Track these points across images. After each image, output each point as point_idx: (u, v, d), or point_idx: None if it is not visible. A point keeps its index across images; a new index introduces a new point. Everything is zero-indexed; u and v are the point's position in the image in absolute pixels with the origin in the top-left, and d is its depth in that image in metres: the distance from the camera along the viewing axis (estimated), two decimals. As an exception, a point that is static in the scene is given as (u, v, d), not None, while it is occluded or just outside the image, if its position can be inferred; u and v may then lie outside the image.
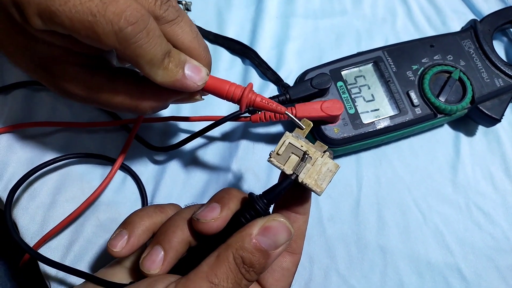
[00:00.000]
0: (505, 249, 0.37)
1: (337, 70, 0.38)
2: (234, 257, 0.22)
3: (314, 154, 0.25)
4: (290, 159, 0.25)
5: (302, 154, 0.25)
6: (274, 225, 0.23)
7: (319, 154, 0.25)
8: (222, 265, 0.22)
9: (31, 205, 0.36)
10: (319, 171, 0.25)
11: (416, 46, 0.39)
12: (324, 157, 0.25)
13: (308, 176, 0.25)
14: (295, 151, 0.25)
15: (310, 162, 0.25)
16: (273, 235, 0.23)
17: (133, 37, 0.23)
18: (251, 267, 0.22)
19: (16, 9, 0.24)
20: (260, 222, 0.23)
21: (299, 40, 0.43)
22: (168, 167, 0.38)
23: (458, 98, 0.38)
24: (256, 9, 0.44)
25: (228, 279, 0.22)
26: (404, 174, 0.39)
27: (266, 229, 0.23)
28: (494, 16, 0.42)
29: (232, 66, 0.42)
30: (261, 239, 0.23)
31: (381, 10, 0.45)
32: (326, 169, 0.25)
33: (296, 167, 0.25)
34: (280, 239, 0.23)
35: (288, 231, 0.24)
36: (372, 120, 0.36)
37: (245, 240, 0.23)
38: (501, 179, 0.39)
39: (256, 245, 0.23)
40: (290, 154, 0.25)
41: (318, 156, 0.25)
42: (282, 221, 0.24)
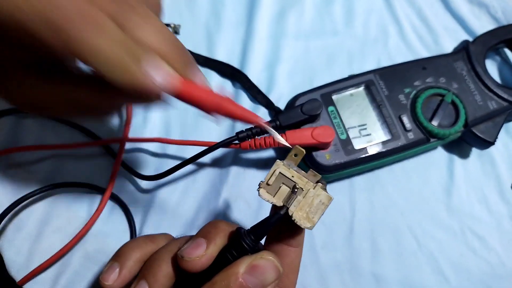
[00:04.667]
0: (500, 274, 0.36)
1: (328, 94, 0.37)
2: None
3: (305, 185, 0.24)
4: (280, 190, 0.24)
5: (292, 186, 0.24)
6: (262, 263, 0.23)
7: (311, 185, 0.24)
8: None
9: (17, 237, 0.35)
10: (310, 203, 0.23)
11: (408, 69, 0.38)
12: (316, 188, 0.24)
13: (299, 209, 0.23)
14: (286, 182, 0.24)
15: (301, 194, 0.24)
16: (260, 274, 0.22)
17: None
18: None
19: None
20: (247, 260, 0.23)
21: (290, 61, 0.43)
22: (157, 195, 0.37)
23: (451, 122, 0.37)
24: (246, 30, 0.44)
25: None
26: (398, 199, 0.38)
27: (253, 268, 0.22)
28: (487, 36, 0.41)
29: (222, 89, 0.41)
30: (248, 278, 0.22)
31: (373, 29, 0.45)
32: (318, 202, 0.23)
33: (286, 199, 0.24)
34: (268, 278, 0.23)
35: (277, 270, 0.23)
36: (364, 146, 0.36)
37: (230, 279, 0.22)
38: (496, 202, 0.39)
39: (242, 285, 0.22)
40: (280, 184, 0.24)
41: (310, 188, 0.24)
42: (270, 259, 0.23)
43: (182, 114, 0.40)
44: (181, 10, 0.44)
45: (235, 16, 0.44)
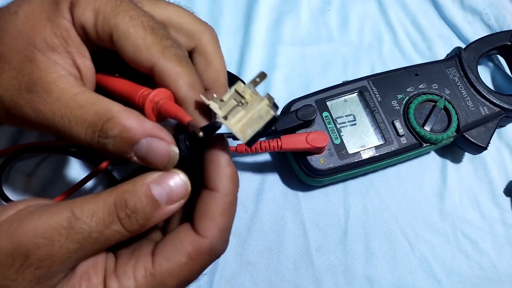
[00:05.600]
0: (492, 278, 0.37)
1: (322, 100, 0.38)
2: (115, 198, 0.21)
3: (252, 100, 0.22)
4: (228, 104, 0.23)
5: (240, 100, 0.23)
6: (173, 177, 0.22)
7: (257, 100, 0.22)
8: (95, 202, 0.20)
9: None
10: (250, 117, 0.22)
11: (401, 75, 0.39)
12: (261, 103, 0.22)
13: (237, 120, 0.22)
14: (237, 99, 0.23)
15: (245, 108, 0.22)
16: (168, 187, 0.21)
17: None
18: (133, 212, 0.20)
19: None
20: (160, 172, 0.22)
21: (286, 67, 0.43)
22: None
23: (443, 127, 0.38)
24: (243, 36, 0.45)
25: (94, 216, 0.20)
26: (391, 203, 0.39)
27: (163, 179, 0.21)
28: (479, 44, 0.42)
29: (219, 94, 0.42)
30: (155, 187, 0.21)
31: (368, 36, 0.46)
32: (257, 115, 0.22)
33: (230, 111, 0.22)
34: (175, 194, 0.21)
35: (185, 190, 0.22)
36: (358, 150, 0.36)
37: (136, 184, 0.21)
38: (488, 206, 0.39)
39: (147, 192, 0.21)
40: (232, 99, 0.23)
41: (254, 102, 0.22)
42: (182, 177, 0.22)
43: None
44: (179, 17, 0.45)
45: (233, 23, 0.45)
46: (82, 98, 0.23)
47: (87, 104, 0.23)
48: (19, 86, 0.24)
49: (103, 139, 0.23)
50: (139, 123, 0.22)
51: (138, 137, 0.22)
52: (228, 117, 0.22)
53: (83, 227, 0.20)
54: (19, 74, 0.24)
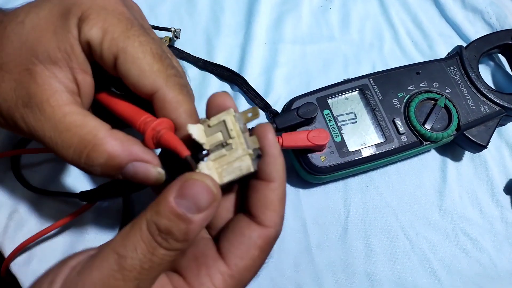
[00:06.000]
0: (492, 275, 0.37)
1: (323, 98, 0.38)
2: (147, 224, 0.20)
3: (237, 145, 0.22)
4: (214, 136, 0.23)
5: (227, 138, 0.22)
6: (191, 185, 0.20)
7: (242, 147, 0.22)
8: (133, 234, 0.20)
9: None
10: (230, 163, 0.22)
11: (402, 74, 0.39)
12: (244, 153, 0.22)
13: (217, 162, 0.22)
14: (224, 132, 0.23)
15: (228, 150, 0.22)
16: (191, 196, 0.20)
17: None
18: (168, 234, 0.20)
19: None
20: (178, 183, 0.20)
21: (287, 66, 0.44)
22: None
23: (444, 126, 0.38)
24: (245, 35, 0.45)
25: (137, 249, 0.19)
26: (391, 200, 0.39)
27: (183, 190, 0.20)
28: (480, 42, 0.42)
29: (221, 92, 0.42)
30: (179, 202, 0.20)
31: (369, 35, 0.46)
32: (237, 166, 0.22)
33: (213, 147, 0.23)
34: (202, 201, 0.20)
35: (209, 192, 0.20)
36: (358, 148, 0.36)
37: (160, 205, 0.20)
38: (488, 204, 0.40)
39: (172, 209, 0.20)
40: (219, 131, 0.23)
41: (239, 149, 0.22)
42: (199, 180, 0.20)
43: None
44: (181, 15, 0.45)
45: (234, 21, 0.45)
46: (70, 120, 0.24)
47: (74, 127, 0.23)
48: (16, 98, 0.24)
49: (89, 165, 0.24)
50: (125, 148, 0.23)
51: (124, 162, 0.23)
52: (210, 154, 0.22)
53: (133, 262, 0.19)
54: (18, 87, 0.24)
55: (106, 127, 0.24)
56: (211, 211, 0.21)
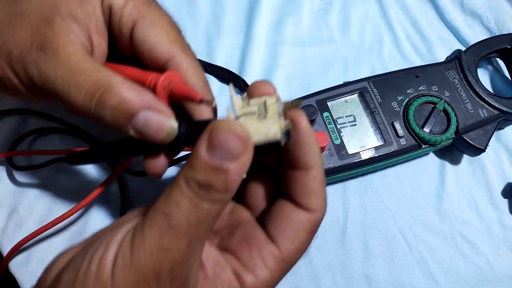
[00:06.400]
0: (489, 278, 0.37)
1: (323, 100, 0.38)
2: (186, 181, 0.19)
3: (270, 117, 0.21)
4: (248, 108, 0.21)
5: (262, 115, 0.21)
6: (219, 133, 0.19)
7: (275, 119, 0.21)
8: (174, 193, 0.19)
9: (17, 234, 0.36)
10: (258, 127, 0.20)
11: (401, 77, 0.40)
12: (275, 124, 0.20)
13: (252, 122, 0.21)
14: (262, 110, 0.21)
15: (260, 120, 0.21)
16: (222, 145, 0.19)
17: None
18: (208, 187, 0.19)
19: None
20: (206, 134, 0.19)
21: (287, 68, 0.44)
22: (154, 193, 0.38)
23: (442, 129, 0.38)
24: (245, 36, 0.45)
25: (181, 206, 0.19)
26: (390, 203, 0.39)
27: (212, 140, 0.19)
28: (479, 46, 0.42)
29: (221, 94, 0.42)
30: (211, 153, 0.19)
31: (368, 38, 0.46)
32: (264, 131, 0.20)
33: (245, 114, 0.21)
34: (234, 148, 0.19)
35: (239, 137, 0.19)
36: (358, 151, 0.37)
37: (193, 159, 0.19)
38: (486, 208, 0.40)
39: (206, 162, 0.19)
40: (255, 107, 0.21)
41: (271, 119, 0.21)
42: (227, 128, 0.19)
43: (181, 117, 0.41)
44: (182, 16, 0.45)
45: (235, 23, 0.45)
46: (85, 65, 0.23)
47: (88, 71, 0.23)
48: (31, 43, 0.24)
49: (100, 108, 0.23)
50: (139, 95, 0.23)
51: (137, 108, 0.22)
52: (240, 118, 0.21)
53: (180, 219, 0.19)
54: (34, 33, 0.24)
55: (121, 76, 0.24)
56: (246, 157, 0.19)
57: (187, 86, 0.24)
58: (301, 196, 0.22)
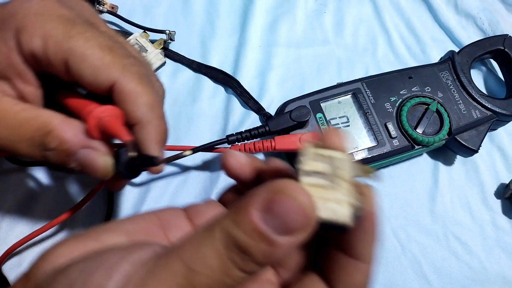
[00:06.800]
0: (482, 279, 0.37)
1: (316, 101, 0.38)
2: (223, 235, 0.16)
3: (342, 187, 0.18)
4: (319, 164, 0.18)
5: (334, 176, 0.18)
6: (282, 201, 0.16)
7: (348, 193, 0.17)
8: (205, 245, 0.16)
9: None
10: (326, 200, 0.17)
11: (394, 78, 0.40)
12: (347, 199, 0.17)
13: (323, 194, 0.17)
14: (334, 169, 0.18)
15: (330, 187, 0.18)
16: (280, 214, 0.16)
17: None
18: (246, 253, 0.16)
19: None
20: (265, 193, 0.16)
21: (281, 69, 0.44)
22: (147, 196, 0.38)
23: (435, 130, 0.38)
24: (239, 38, 0.45)
25: (209, 264, 0.16)
26: (383, 204, 0.39)
27: (271, 204, 0.16)
28: (472, 47, 0.42)
29: (215, 95, 0.42)
30: (264, 218, 0.16)
31: (362, 39, 0.46)
32: (333, 208, 0.17)
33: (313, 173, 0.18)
34: (293, 222, 0.16)
35: (304, 213, 0.16)
36: (350, 152, 0.37)
37: (240, 214, 0.16)
38: (479, 208, 0.40)
39: (255, 225, 0.16)
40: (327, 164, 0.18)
41: (343, 191, 0.17)
42: (291, 195, 0.16)
43: (175, 118, 0.41)
44: (176, 17, 0.45)
45: (229, 24, 0.45)
46: (22, 116, 0.24)
47: (28, 121, 0.24)
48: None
49: (44, 152, 0.24)
50: (76, 135, 0.24)
51: (75, 148, 0.24)
52: (305, 178, 0.18)
53: (203, 281, 0.16)
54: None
55: (60, 116, 0.24)
56: (302, 235, 0.16)
57: (117, 124, 0.24)
58: (340, 286, 0.19)
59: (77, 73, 0.24)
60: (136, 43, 0.41)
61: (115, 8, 0.44)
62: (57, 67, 0.24)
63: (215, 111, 0.42)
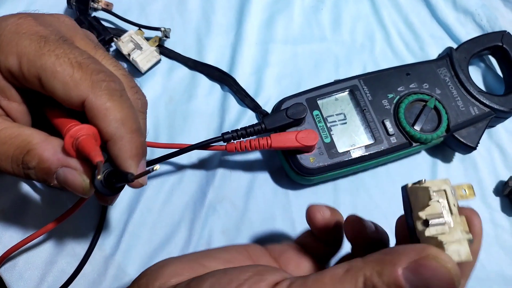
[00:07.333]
0: (480, 277, 0.37)
1: (313, 98, 0.38)
2: (365, 280, 0.17)
3: (457, 224, 0.19)
4: (434, 206, 0.20)
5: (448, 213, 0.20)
6: (431, 266, 0.17)
7: (461, 228, 0.19)
8: (346, 283, 0.17)
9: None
10: (448, 243, 0.18)
11: (392, 75, 0.39)
12: (463, 236, 0.19)
13: (446, 239, 0.18)
14: (444, 205, 0.20)
15: (449, 229, 0.19)
16: (426, 279, 0.17)
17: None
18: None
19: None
20: (413, 254, 0.17)
21: (278, 66, 0.43)
22: (143, 194, 0.38)
23: (433, 127, 0.38)
24: (235, 34, 0.44)
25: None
26: (381, 202, 0.39)
27: (418, 266, 0.17)
28: (470, 44, 0.42)
29: (211, 92, 0.42)
30: (408, 275, 0.17)
31: (360, 36, 0.46)
32: (455, 249, 0.18)
33: (432, 216, 0.19)
34: (434, 285, 0.17)
35: (449, 280, 0.17)
36: (348, 149, 0.36)
37: (386, 268, 0.17)
38: (478, 206, 0.40)
39: (398, 281, 0.17)
40: (437, 201, 0.20)
41: (458, 230, 0.19)
42: (443, 265, 0.17)
43: (170, 116, 0.40)
44: (172, 14, 0.45)
45: (225, 21, 0.45)
46: (5, 134, 0.24)
47: (9, 139, 0.24)
48: None
49: (26, 170, 0.24)
50: (55, 153, 0.24)
51: (54, 167, 0.24)
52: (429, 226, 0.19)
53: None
54: None
55: (41, 135, 0.25)
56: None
57: (91, 144, 0.24)
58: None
59: (50, 90, 0.24)
60: (131, 40, 0.41)
61: (110, 6, 0.44)
62: (34, 84, 0.25)
63: (211, 109, 0.41)
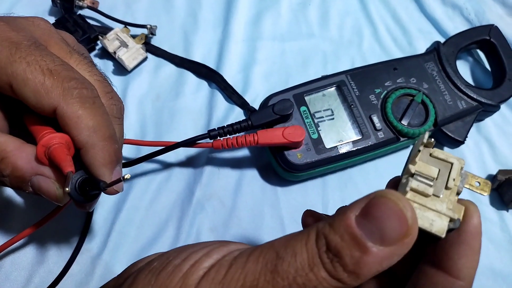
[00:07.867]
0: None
1: (300, 94, 0.38)
2: (317, 234, 0.16)
3: (446, 198, 0.19)
4: (429, 167, 0.19)
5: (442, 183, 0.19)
6: (381, 204, 0.15)
7: (450, 206, 0.18)
8: (297, 239, 0.16)
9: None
10: (424, 208, 0.18)
11: (379, 70, 0.39)
12: (447, 213, 0.18)
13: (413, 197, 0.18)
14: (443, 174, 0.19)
15: (434, 196, 0.18)
16: (377, 219, 0.15)
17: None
18: (336, 256, 0.15)
19: None
20: (365, 199, 0.16)
21: (266, 63, 0.43)
22: (131, 192, 0.37)
23: (421, 121, 0.38)
24: (223, 31, 0.44)
25: (297, 256, 0.16)
26: (370, 197, 0.39)
27: (369, 207, 0.16)
28: (458, 38, 0.42)
29: (198, 89, 0.42)
30: (360, 221, 0.15)
31: (348, 32, 0.46)
32: (430, 217, 0.18)
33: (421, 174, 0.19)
34: (390, 230, 0.15)
35: (403, 221, 0.15)
36: (335, 145, 0.36)
37: (336, 217, 0.16)
38: (467, 199, 0.39)
39: (349, 227, 0.15)
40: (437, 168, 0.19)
41: (445, 204, 0.18)
42: (393, 202, 0.15)
43: (157, 113, 0.40)
44: (158, 11, 0.45)
45: (212, 17, 0.45)
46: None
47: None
48: None
49: (0, 177, 0.24)
50: (28, 162, 0.24)
51: (28, 175, 0.24)
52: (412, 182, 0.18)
53: (288, 269, 0.16)
54: None
55: (16, 142, 0.24)
56: (398, 250, 0.15)
57: (62, 154, 0.24)
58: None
59: (21, 97, 0.24)
60: (117, 38, 0.40)
61: (95, 4, 0.43)
62: (6, 91, 0.24)
63: (199, 106, 0.41)
